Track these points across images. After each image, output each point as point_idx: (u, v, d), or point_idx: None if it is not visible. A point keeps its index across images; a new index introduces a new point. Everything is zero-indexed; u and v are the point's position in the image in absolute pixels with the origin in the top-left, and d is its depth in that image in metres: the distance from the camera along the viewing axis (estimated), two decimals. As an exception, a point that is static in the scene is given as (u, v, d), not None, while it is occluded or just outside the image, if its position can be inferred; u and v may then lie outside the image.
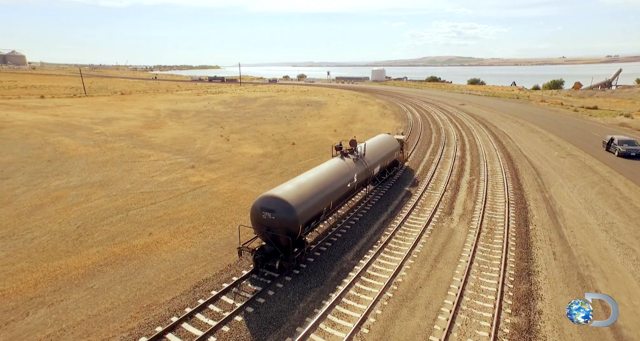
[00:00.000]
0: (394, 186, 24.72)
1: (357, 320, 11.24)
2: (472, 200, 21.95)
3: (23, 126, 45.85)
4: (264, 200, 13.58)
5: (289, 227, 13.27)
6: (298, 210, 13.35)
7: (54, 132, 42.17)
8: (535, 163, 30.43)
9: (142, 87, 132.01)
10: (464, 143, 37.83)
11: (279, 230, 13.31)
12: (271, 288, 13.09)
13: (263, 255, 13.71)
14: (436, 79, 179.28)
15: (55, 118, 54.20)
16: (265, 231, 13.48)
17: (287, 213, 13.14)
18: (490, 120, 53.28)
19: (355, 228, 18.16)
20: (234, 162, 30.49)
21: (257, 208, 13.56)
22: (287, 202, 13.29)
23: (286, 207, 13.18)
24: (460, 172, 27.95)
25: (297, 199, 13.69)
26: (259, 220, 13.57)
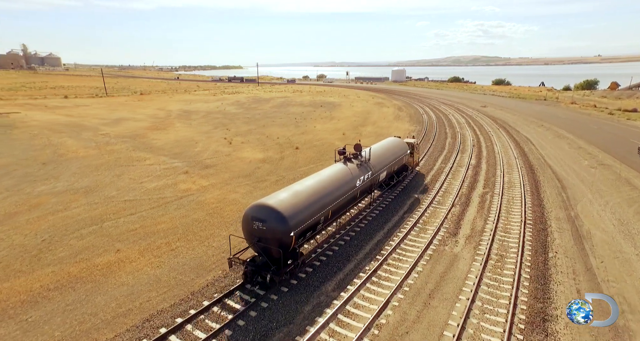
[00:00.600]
0: (397, 197, 22.44)
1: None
2: (482, 218, 19.38)
3: (35, 126, 46.10)
4: (255, 209, 12.73)
5: (281, 238, 12.42)
6: (291, 220, 12.50)
7: (61, 133, 42.01)
8: (560, 174, 27.34)
9: (163, 87, 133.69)
10: (481, 150, 34.88)
11: (270, 241, 12.50)
12: (230, 326, 11.22)
13: (253, 268, 12.92)
14: (459, 79, 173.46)
15: (69, 118, 54.55)
16: (256, 242, 12.70)
17: (279, 223, 12.30)
18: (512, 124, 49.69)
19: (345, 249, 16.07)
20: (231, 167, 28.92)
21: (248, 217, 12.76)
22: (279, 211, 12.41)
23: (278, 216, 12.34)
24: (473, 183, 25.28)
25: (290, 208, 12.79)
26: (250, 230, 12.79)
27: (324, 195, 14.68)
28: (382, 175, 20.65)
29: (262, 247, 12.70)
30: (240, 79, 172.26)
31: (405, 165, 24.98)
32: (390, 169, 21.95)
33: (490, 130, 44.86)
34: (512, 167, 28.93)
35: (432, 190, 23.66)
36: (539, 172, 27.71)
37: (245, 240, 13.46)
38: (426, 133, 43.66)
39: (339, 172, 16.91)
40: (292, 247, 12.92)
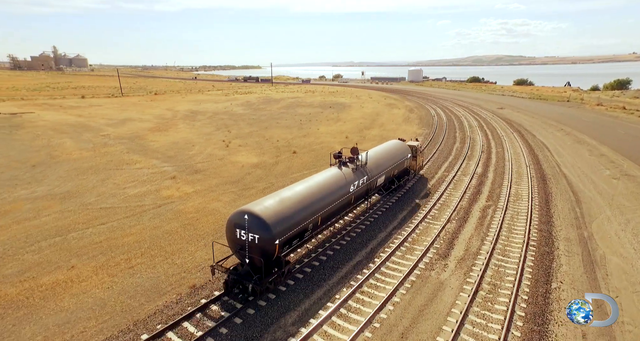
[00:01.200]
0: (392, 207, 20.61)
1: None
2: (479, 238, 17.32)
3: (42, 127, 46.35)
4: (238, 216, 12.31)
5: (264, 247, 12.00)
6: (275, 228, 12.04)
7: (64, 134, 41.95)
8: (576, 185, 24.78)
9: (178, 87, 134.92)
10: (490, 157, 32.42)
11: (252, 250, 12.12)
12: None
13: (236, 277, 12.48)
14: (478, 79, 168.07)
15: (78, 118, 54.90)
16: (238, 250, 12.45)
17: (262, 231, 11.87)
18: (528, 128, 46.64)
19: (319, 271, 14.41)
20: (221, 172, 27.68)
21: (231, 224, 12.46)
22: (263, 219, 11.96)
23: (261, 224, 11.91)
24: (476, 194, 23.10)
25: (275, 216, 12.32)
26: (233, 238, 12.50)
27: (313, 202, 14.09)
28: (380, 179, 19.81)
29: (245, 255, 12.28)
30: (256, 78, 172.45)
31: (406, 169, 24.07)
32: (390, 173, 21.02)
33: (503, 135, 42.10)
34: (521, 177, 26.50)
35: (429, 202, 21.67)
36: (551, 183, 25.21)
37: (229, 248, 13.07)
38: (434, 137, 41.34)
39: (331, 177, 16.24)
40: (275, 255, 12.39)
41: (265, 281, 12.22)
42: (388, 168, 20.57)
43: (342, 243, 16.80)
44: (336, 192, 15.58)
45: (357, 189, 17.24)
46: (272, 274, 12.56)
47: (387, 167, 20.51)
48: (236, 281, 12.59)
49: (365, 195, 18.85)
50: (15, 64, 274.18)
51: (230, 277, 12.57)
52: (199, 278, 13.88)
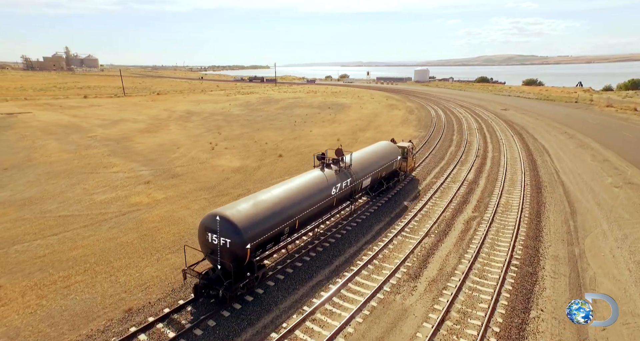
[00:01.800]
0: (366, 220, 19.10)
1: None
2: (457, 255, 15.74)
3: (32, 127, 45.86)
4: (209, 219, 12.04)
5: (235, 251, 11.69)
6: (246, 233, 11.74)
7: (52, 135, 41.32)
8: (573, 194, 22.98)
9: (183, 87, 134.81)
10: (484, 162, 30.65)
11: (223, 254, 11.84)
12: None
13: (206, 281, 12.17)
14: (486, 79, 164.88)
15: (72, 119, 54.45)
16: (209, 254, 12.15)
17: (233, 235, 11.57)
18: (531, 130, 44.56)
19: (269, 296, 13.03)
20: (198, 177, 26.50)
21: (202, 227, 12.22)
22: (234, 222, 11.66)
23: (232, 228, 11.60)
24: (462, 204, 21.46)
25: (247, 219, 12.03)
26: (204, 242, 12.25)
27: (290, 205, 13.75)
28: (366, 181, 19.38)
29: (216, 260, 12.02)
30: (261, 78, 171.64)
31: (396, 171, 23.60)
32: (377, 175, 20.58)
33: (502, 138, 40.17)
34: (515, 185, 24.75)
35: (410, 212, 20.12)
36: (546, 192, 23.43)
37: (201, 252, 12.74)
38: (429, 140, 39.63)
39: (312, 179, 15.85)
40: (247, 260, 12.14)
41: (236, 287, 11.93)
42: (375, 170, 20.08)
43: (305, 259, 15.39)
44: (316, 194, 15.21)
45: (340, 192, 16.81)
46: (243, 279, 12.20)
47: (374, 169, 20.00)
48: (206, 286, 12.29)
49: (349, 198, 18.30)
50: (28, 64, 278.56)
51: (201, 282, 12.23)
52: (138, 299, 12.61)
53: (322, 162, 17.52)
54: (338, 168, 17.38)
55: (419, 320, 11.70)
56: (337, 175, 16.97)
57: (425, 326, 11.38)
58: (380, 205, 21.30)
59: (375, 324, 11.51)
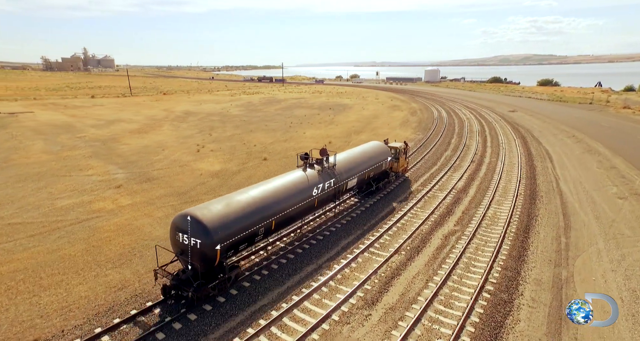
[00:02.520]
0: (339, 230, 17.53)
1: None
2: (425, 277, 14.04)
3: (26, 127, 45.74)
4: (179, 219, 11.86)
5: (204, 252, 11.48)
6: (216, 233, 11.53)
7: (42, 135, 41.03)
8: (571, 206, 20.91)
9: (191, 87, 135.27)
10: (479, 168, 28.63)
11: (192, 255, 11.60)
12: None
13: (176, 282, 11.95)
14: (499, 79, 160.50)
15: (69, 119, 54.45)
16: (179, 254, 12.03)
17: (202, 236, 11.37)
18: (536, 134, 42.07)
19: (208, 322, 11.61)
20: (173, 182, 25.37)
21: (173, 227, 12.02)
22: (203, 222, 11.45)
23: (201, 228, 11.41)
24: (444, 217, 19.66)
25: (217, 220, 11.82)
26: (175, 242, 12.05)
27: (266, 206, 13.48)
28: (352, 182, 19.02)
29: (186, 260, 11.85)
30: (270, 78, 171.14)
31: (385, 171, 23.10)
32: (365, 176, 20.23)
33: (504, 142, 37.91)
34: (507, 194, 22.77)
35: (384, 225, 18.44)
36: (541, 202, 21.40)
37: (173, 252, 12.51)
38: (426, 143, 37.71)
39: (292, 179, 15.58)
40: (217, 261, 11.87)
41: (205, 288, 11.76)
42: (362, 171, 19.78)
43: (256, 278, 13.93)
44: (296, 195, 14.91)
45: (323, 192, 16.45)
46: (213, 281, 12.00)
47: (362, 170, 19.71)
48: (176, 287, 12.03)
49: (333, 199, 17.90)
50: (47, 65, 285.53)
51: (171, 283, 12.02)
52: (50, 327, 11.28)
53: (305, 162, 17.12)
54: (321, 169, 17.03)
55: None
56: (320, 175, 16.59)
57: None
58: (363, 209, 19.84)
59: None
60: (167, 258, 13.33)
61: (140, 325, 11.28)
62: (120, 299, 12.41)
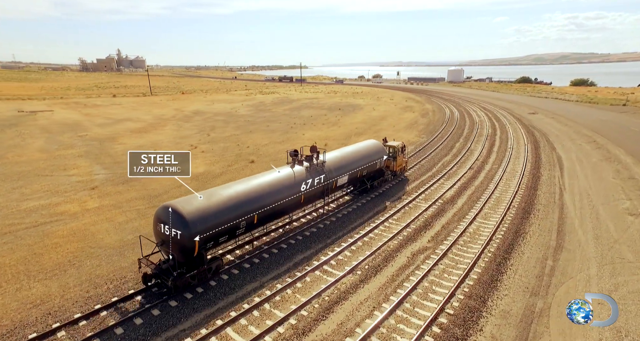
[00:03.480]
0: (302, 241, 16.13)
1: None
2: (373, 304, 12.35)
3: (36, 125, 47.04)
4: (161, 210, 12.34)
5: (183, 243, 11.91)
6: (194, 225, 11.92)
7: (47, 133, 41.92)
8: (570, 222, 18.50)
9: (211, 87, 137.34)
10: (475, 177, 26.28)
11: (171, 245, 12.12)
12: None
13: (157, 272, 12.52)
14: (528, 79, 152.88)
15: (82, 117, 55.81)
16: (159, 244, 12.58)
17: (180, 227, 11.79)
18: (552, 138, 38.78)
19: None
20: (152, 184, 24.71)
21: (156, 218, 12.55)
22: (182, 214, 11.87)
23: (179, 219, 11.83)
24: (419, 231, 17.77)
25: (197, 212, 12.19)
26: (157, 232, 12.62)
27: (249, 200, 13.82)
28: (342, 180, 19.03)
29: (167, 251, 12.48)
30: (290, 78, 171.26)
31: (380, 170, 22.95)
32: (357, 174, 20.18)
33: (512, 146, 35.06)
34: (498, 206, 20.52)
35: (349, 239, 16.82)
36: (535, 217, 19.07)
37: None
38: (426, 146, 35.51)
39: (279, 175, 15.73)
40: (196, 252, 12.27)
41: (185, 278, 12.32)
42: (355, 169, 19.81)
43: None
44: (281, 191, 15.15)
45: (310, 189, 16.61)
46: (192, 271, 12.52)
47: (354, 168, 19.73)
48: (156, 276, 12.61)
49: (321, 196, 17.98)
50: (84, 66, 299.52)
51: (153, 272, 12.55)
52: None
53: (294, 158, 17.27)
54: (310, 165, 17.10)
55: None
56: (308, 172, 16.70)
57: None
58: (334, 220, 18.29)
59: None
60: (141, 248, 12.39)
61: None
62: (29, 319, 11.49)
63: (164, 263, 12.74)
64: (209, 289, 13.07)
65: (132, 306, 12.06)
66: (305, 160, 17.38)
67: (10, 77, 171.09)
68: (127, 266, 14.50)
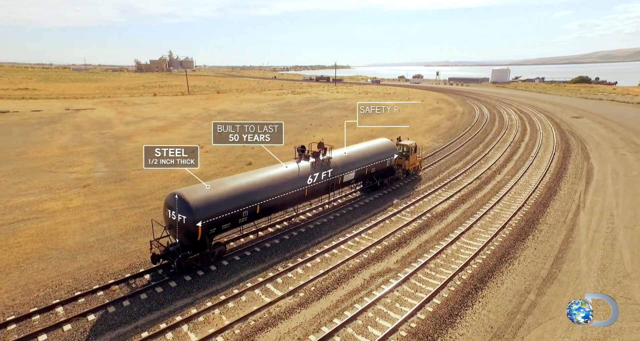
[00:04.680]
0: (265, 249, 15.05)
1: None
2: (300, 335, 10.89)
3: (71, 123, 50.17)
4: (170, 197, 13.37)
5: (187, 228, 12.97)
6: (198, 211, 12.88)
7: (78, 130, 44.52)
8: (576, 247, 15.71)
9: (248, 86, 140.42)
10: (481, 188, 23.50)
11: (177, 230, 13.19)
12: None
13: (164, 253, 13.58)
14: (586, 79, 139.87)
15: (116, 115, 59.01)
16: (168, 228, 13.65)
17: (185, 212, 12.82)
18: (591, 146, 34.30)
19: None
20: (141, 184, 25.03)
21: (165, 204, 13.60)
22: (187, 200, 12.90)
23: (184, 206, 12.86)
24: (391, 249, 15.88)
25: (202, 199, 13.21)
26: (166, 217, 13.70)
27: (253, 191, 14.67)
28: (348, 176, 19.34)
29: (174, 234, 13.54)
30: (327, 78, 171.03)
31: (391, 168, 22.90)
32: (365, 171, 20.40)
33: (538, 155, 31.36)
34: (492, 224, 17.97)
35: (307, 254, 15.40)
36: (533, 240, 16.41)
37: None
38: (438, 152, 32.85)
39: (284, 169, 16.40)
40: (200, 237, 13.18)
41: (189, 260, 13.36)
42: (363, 166, 20.09)
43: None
44: (285, 184, 15.81)
45: (315, 184, 17.12)
46: (196, 253, 13.53)
47: (361, 165, 20.00)
48: (163, 257, 13.60)
49: (326, 191, 18.38)
50: (138, 67, 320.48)
51: (160, 253, 13.56)
52: None
53: (301, 154, 17.76)
54: (315, 161, 17.51)
55: None
56: (313, 167, 17.19)
57: None
58: (312, 227, 17.03)
59: None
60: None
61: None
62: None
63: (172, 246, 13.75)
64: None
65: (41, 324, 11.33)
66: (312, 156, 17.80)
67: (76, 78, 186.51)
68: (70, 272, 14.15)
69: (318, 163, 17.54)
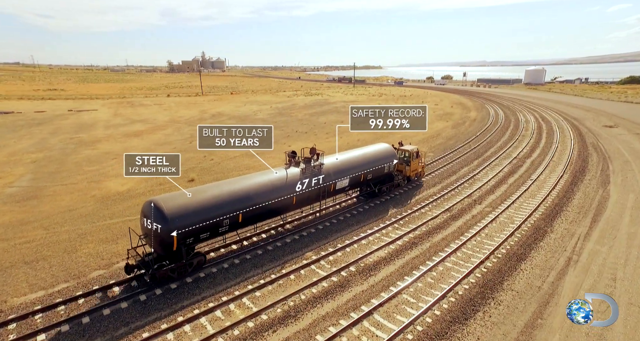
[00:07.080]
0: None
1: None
2: None
3: (57, 125, 49.20)
4: (146, 205, 12.74)
5: (163, 237, 12.32)
6: (174, 220, 12.26)
7: (49, 134, 43.32)
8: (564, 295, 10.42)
9: (266, 87, 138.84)
10: (443, 226, 18.21)
11: (152, 239, 12.60)
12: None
13: (139, 263, 13.06)
14: (638, 79, 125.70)
15: (110, 117, 58.45)
16: (142, 237, 13.21)
17: (160, 221, 12.23)
18: (616, 165, 27.48)
19: None
20: (55, 202, 22.14)
21: (141, 212, 13.06)
22: (162, 209, 12.29)
23: (159, 214, 12.27)
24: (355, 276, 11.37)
25: (178, 208, 12.54)
26: (141, 225, 13.16)
27: (235, 199, 13.95)
28: (342, 182, 18.47)
29: (150, 243, 12.94)
30: (349, 79, 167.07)
31: (389, 174, 21.69)
32: (360, 177, 19.43)
33: (544, 176, 25.29)
34: (435, 284, 12.86)
35: (271, 275, 11.24)
36: (483, 319, 11.24)
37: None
38: (429, 167, 27.57)
39: (270, 176, 15.68)
40: (175, 247, 12.60)
41: (163, 270, 12.69)
42: (358, 172, 19.14)
43: None
44: (272, 191, 15.14)
45: (304, 191, 16.40)
46: (172, 264, 12.86)
47: (357, 171, 19.07)
48: (138, 267, 13.03)
49: (317, 199, 17.49)
50: (170, 67, 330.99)
51: (135, 262, 13.00)
52: None
53: (292, 160, 17.00)
54: (306, 167, 16.83)
55: None
56: (303, 173, 16.49)
57: None
58: (289, 241, 13.24)
59: None
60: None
61: None
62: None
63: (147, 256, 13.13)
64: None
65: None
66: (302, 162, 17.09)
67: (110, 78, 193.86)
68: None
69: (308, 169, 16.75)
